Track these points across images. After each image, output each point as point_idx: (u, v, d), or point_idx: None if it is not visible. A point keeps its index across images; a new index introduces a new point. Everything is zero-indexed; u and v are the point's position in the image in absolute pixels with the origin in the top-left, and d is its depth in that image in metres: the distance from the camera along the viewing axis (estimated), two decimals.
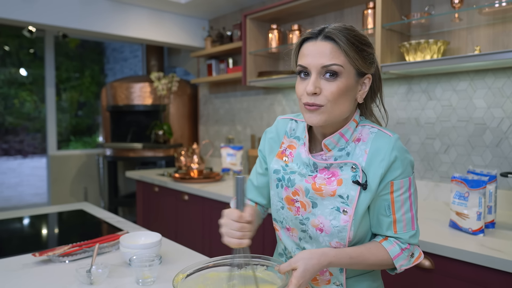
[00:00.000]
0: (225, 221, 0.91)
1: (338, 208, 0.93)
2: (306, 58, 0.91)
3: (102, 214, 2.01)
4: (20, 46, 6.04)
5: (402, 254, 0.94)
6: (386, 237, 0.96)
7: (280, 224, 1.05)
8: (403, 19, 2.11)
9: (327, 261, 0.88)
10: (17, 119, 6.32)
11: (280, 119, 1.11)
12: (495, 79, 1.92)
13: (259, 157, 1.14)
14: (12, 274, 1.20)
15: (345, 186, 0.93)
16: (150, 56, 4.46)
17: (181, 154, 3.37)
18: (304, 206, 0.98)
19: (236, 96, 3.52)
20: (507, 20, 1.86)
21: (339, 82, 0.89)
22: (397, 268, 0.95)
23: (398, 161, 0.92)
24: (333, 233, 0.93)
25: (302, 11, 2.62)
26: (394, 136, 0.94)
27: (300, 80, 0.93)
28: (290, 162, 1.03)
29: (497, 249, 1.34)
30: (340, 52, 0.88)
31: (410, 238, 0.95)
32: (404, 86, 2.28)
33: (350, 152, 0.95)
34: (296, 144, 1.04)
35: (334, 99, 0.89)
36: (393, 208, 0.94)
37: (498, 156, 1.92)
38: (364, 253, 0.92)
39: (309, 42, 0.91)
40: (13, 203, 6.04)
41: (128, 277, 1.19)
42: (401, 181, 0.93)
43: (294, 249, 1.03)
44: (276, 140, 1.08)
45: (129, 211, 4.84)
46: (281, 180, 1.03)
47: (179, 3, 3.33)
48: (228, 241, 0.91)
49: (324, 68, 0.89)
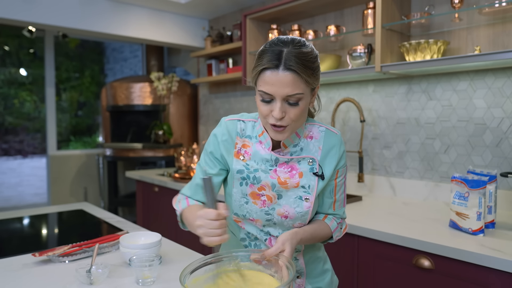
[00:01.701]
0: (203, 222, 0.93)
1: (300, 197, 1.09)
2: (270, 87, 0.98)
3: (102, 214, 2.01)
4: (20, 46, 6.04)
5: (338, 228, 1.17)
6: (326, 215, 1.16)
7: (242, 217, 1.13)
8: (403, 19, 2.11)
9: (300, 238, 1.04)
10: (17, 119, 6.32)
11: (227, 120, 1.15)
12: (495, 79, 1.92)
13: (209, 159, 1.15)
14: (12, 274, 1.20)
15: (306, 177, 1.09)
16: (150, 56, 4.46)
17: (181, 154, 3.37)
18: (270, 199, 1.09)
19: (236, 96, 3.52)
20: (507, 20, 1.86)
21: (301, 105, 1.00)
22: (333, 238, 1.17)
23: (344, 154, 1.13)
24: (297, 217, 1.10)
25: (302, 11, 2.62)
26: (339, 133, 1.14)
27: (263, 103, 1.01)
28: (248, 160, 1.11)
29: (497, 249, 1.34)
30: (301, 81, 0.97)
31: (343, 213, 1.19)
32: (404, 86, 2.28)
33: (304, 147, 1.11)
34: (249, 142, 1.12)
35: (297, 119, 1.01)
36: (335, 191, 1.15)
37: (498, 156, 1.92)
38: (317, 230, 1.11)
39: (271, 72, 0.97)
40: (13, 203, 6.04)
41: (128, 277, 1.19)
42: (342, 169, 1.14)
43: (258, 232, 1.14)
44: (230, 142, 1.13)
45: (129, 211, 4.84)
46: (246, 179, 1.10)
47: (179, 3, 3.33)
48: (209, 240, 0.92)
49: (288, 97, 0.98)
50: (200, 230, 0.93)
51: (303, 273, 1.17)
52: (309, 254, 1.18)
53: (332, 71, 2.27)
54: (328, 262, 1.27)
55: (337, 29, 2.45)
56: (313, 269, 1.19)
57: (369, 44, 2.22)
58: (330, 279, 1.23)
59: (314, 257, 1.20)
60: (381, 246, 1.63)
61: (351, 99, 2.36)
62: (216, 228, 0.92)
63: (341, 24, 2.56)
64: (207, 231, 0.92)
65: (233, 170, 1.12)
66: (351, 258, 1.75)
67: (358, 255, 1.73)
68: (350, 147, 2.56)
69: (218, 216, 0.92)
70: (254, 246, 1.15)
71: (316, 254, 1.21)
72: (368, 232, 1.65)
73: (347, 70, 2.21)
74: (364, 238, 1.69)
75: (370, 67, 2.09)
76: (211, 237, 0.92)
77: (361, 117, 2.33)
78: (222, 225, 0.92)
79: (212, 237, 0.92)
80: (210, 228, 0.92)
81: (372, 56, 2.25)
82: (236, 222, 1.15)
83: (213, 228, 0.92)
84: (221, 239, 0.92)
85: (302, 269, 1.17)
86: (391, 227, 1.64)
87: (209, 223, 0.92)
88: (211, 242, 0.92)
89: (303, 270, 1.17)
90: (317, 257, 1.21)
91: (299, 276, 1.16)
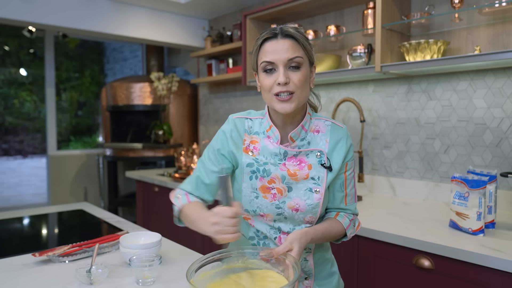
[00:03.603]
0: (219, 219, 0.94)
1: (310, 189, 1.09)
2: (271, 54, 1.04)
3: (102, 214, 2.01)
4: (20, 46, 6.04)
5: (351, 225, 1.16)
6: (338, 213, 1.16)
7: (252, 213, 1.13)
8: (403, 19, 2.11)
9: (310, 238, 1.04)
10: (17, 119, 6.32)
11: (235, 118, 1.18)
12: (495, 79, 1.92)
13: (214, 156, 1.16)
14: (12, 274, 1.20)
15: (315, 169, 1.10)
16: (150, 56, 4.46)
17: (181, 154, 3.37)
18: (280, 192, 1.10)
19: (236, 96, 3.52)
20: (507, 20, 1.86)
21: (302, 71, 1.05)
22: (347, 236, 1.16)
23: (351, 147, 1.15)
24: (308, 210, 1.09)
25: (302, 11, 2.62)
26: (345, 127, 1.16)
27: (266, 75, 1.05)
28: (257, 155, 1.12)
29: (497, 249, 1.34)
30: (299, 47, 1.05)
31: (355, 208, 1.19)
32: (404, 86, 2.28)
33: (311, 141, 1.12)
34: (258, 138, 1.14)
35: (301, 85, 1.04)
36: (345, 185, 1.15)
37: (498, 156, 1.92)
38: (329, 229, 1.11)
39: (271, 41, 1.05)
40: (13, 203, 6.04)
41: (128, 277, 1.19)
42: (351, 162, 1.15)
43: (268, 229, 1.13)
44: (238, 138, 1.15)
45: (129, 211, 4.84)
46: (256, 172, 1.11)
47: (179, 3, 3.33)
48: (223, 238, 0.94)
49: (289, 61, 1.03)
50: (216, 227, 0.94)
51: (311, 274, 1.16)
52: (318, 255, 1.18)
53: (332, 71, 2.27)
54: (335, 265, 1.26)
55: (337, 29, 2.45)
56: (321, 271, 1.19)
57: (369, 44, 2.22)
58: (337, 282, 1.22)
59: (322, 258, 1.19)
60: (381, 246, 1.63)
61: (351, 99, 2.36)
62: (232, 226, 0.93)
63: (341, 24, 2.56)
64: (222, 228, 0.93)
65: (242, 164, 1.12)
66: (351, 258, 1.75)
67: (358, 255, 1.73)
68: None
69: (234, 214, 0.93)
70: (263, 245, 1.14)
71: (325, 255, 1.20)
72: (368, 232, 1.65)
73: (347, 70, 2.21)
74: (364, 238, 1.69)
75: (370, 67, 2.09)
76: (226, 235, 0.93)
77: (361, 117, 2.33)
78: (237, 222, 0.94)
79: (227, 234, 0.93)
80: (226, 226, 0.93)
81: (372, 56, 2.25)
82: (245, 219, 1.15)
83: (229, 225, 0.93)
84: (234, 236, 0.93)
85: (311, 270, 1.16)
86: (391, 227, 1.64)
87: (225, 221, 0.93)
88: (225, 239, 0.93)
89: (311, 271, 1.16)
90: (325, 259, 1.20)
91: (307, 277, 1.16)
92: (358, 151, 2.40)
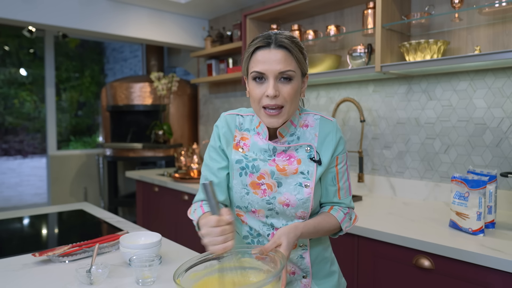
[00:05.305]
0: (206, 230, 0.90)
1: (300, 183, 1.08)
2: (262, 64, 1.01)
3: (102, 214, 2.01)
4: (20, 46, 6.04)
5: (346, 218, 1.15)
6: (331, 206, 1.15)
7: (244, 209, 1.13)
8: (403, 19, 2.11)
9: (300, 232, 1.03)
10: (17, 119, 6.32)
11: (226, 115, 1.18)
12: (495, 79, 1.92)
13: (217, 153, 1.15)
14: (12, 274, 1.20)
15: (304, 164, 1.09)
16: (150, 56, 4.46)
17: (181, 154, 3.37)
18: (270, 187, 1.09)
19: (236, 96, 3.52)
20: (507, 20, 1.86)
21: (293, 84, 1.03)
22: (343, 229, 1.15)
23: (341, 140, 1.13)
24: (299, 205, 1.08)
25: (302, 11, 2.62)
26: (334, 121, 1.14)
27: (255, 84, 1.04)
28: (247, 152, 1.12)
29: (497, 249, 1.34)
30: (292, 59, 1.02)
31: (350, 202, 1.17)
32: (404, 86, 2.28)
33: (300, 136, 1.11)
34: (248, 135, 1.14)
35: (291, 99, 1.03)
36: (337, 178, 1.14)
37: (498, 156, 1.92)
38: (322, 223, 1.10)
39: (263, 50, 1.02)
40: (13, 203, 6.04)
41: (128, 277, 1.19)
42: (342, 156, 1.14)
43: (260, 226, 1.13)
44: (229, 134, 1.15)
45: (129, 211, 4.84)
46: (245, 168, 1.11)
47: (179, 3, 3.33)
48: (213, 249, 0.90)
49: (280, 74, 1.01)
50: (205, 240, 0.91)
51: (309, 272, 1.15)
52: (316, 254, 1.17)
53: (332, 71, 2.27)
54: (336, 264, 1.25)
55: (337, 29, 2.45)
56: (319, 270, 1.18)
57: (369, 44, 2.22)
58: (337, 281, 1.21)
59: (321, 257, 1.18)
60: (381, 246, 1.63)
61: (351, 99, 2.36)
62: (218, 236, 0.89)
63: (341, 24, 2.56)
64: (210, 240, 0.90)
65: (232, 161, 1.13)
66: (351, 258, 1.75)
67: (358, 255, 1.73)
68: (350, 147, 2.56)
69: (218, 223, 0.89)
70: (257, 243, 1.14)
71: (323, 254, 1.20)
72: (368, 232, 1.65)
73: (347, 70, 2.21)
74: (364, 238, 1.69)
75: (370, 67, 2.09)
76: (214, 246, 0.89)
77: (361, 117, 2.33)
78: (224, 231, 0.89)
79: (215, 246, 0.89)
80: (213, 237, 0.89)
81: (372, 56, 2.25)
82: (238, 216, 1.15)
83: (215, 235, 0.89)
84: (224, 247, 0.89)
85: (308, 268, 1.15)
86: (391, 227, 1.64)
87: (211, 231, 0.89)
88: (215, 251, 0.90)
89: (308, 269, 1.15)
90: (324, 258, 1.19)
91: (305, 276, 1.16)
92: (358, 151, 2.40)
